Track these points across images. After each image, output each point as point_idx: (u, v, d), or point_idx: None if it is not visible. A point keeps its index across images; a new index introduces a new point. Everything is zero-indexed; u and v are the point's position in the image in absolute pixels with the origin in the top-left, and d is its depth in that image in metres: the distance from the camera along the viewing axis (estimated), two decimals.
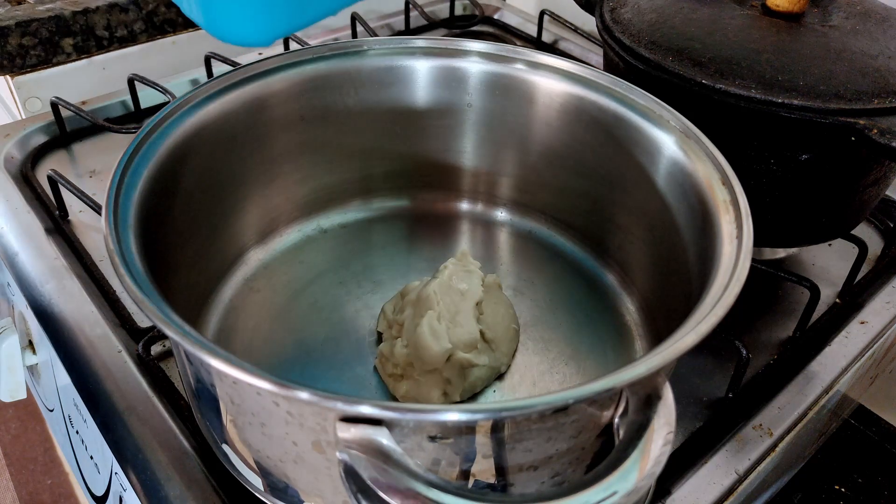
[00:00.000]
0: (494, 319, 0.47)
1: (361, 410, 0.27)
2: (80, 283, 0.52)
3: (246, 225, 0.52)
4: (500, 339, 0.46)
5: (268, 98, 0.49)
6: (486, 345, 0.46)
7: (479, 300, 0.47)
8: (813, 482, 0.53)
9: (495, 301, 0.49)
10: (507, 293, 0.52)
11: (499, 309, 0.48)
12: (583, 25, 0.87)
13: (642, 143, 0.46)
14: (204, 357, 0.29)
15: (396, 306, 0.48)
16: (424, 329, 0.43)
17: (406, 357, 0.44)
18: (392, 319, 0.47)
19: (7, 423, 1.39)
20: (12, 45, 0.73)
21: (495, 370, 0.46)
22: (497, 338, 0.46)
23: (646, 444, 0.28)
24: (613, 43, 0.52)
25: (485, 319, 0.47)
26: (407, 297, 0.47)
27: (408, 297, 0.47)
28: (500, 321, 0.47)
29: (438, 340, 0.43)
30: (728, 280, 0.34)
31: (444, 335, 0.43)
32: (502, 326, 0.47)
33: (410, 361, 0.44)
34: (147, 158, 0.40)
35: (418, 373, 0.44)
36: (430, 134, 0.55)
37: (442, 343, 0.43)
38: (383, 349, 0.45)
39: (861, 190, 0.50)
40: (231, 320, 0.49)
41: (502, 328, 0.47)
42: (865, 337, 0.52)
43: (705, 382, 0.48)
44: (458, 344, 0.44)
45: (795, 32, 0.48)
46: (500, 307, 0.48)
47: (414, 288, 0.48)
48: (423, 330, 0.43)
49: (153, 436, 0.42)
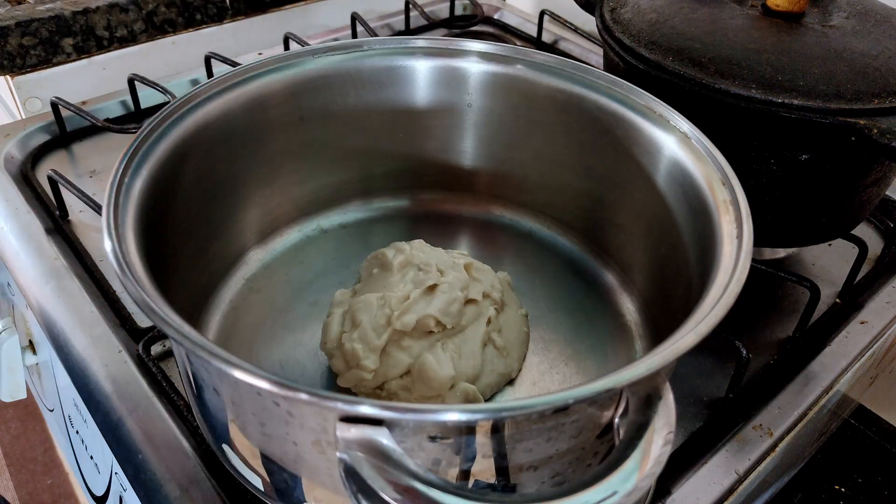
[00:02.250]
0: (506, 324, 0.47)
1: (361, 410, 0.27)
2: (80, 283, 0.52)
3: (246, 225, 0.52)
4: (511, 344, 0.46)
5: (268, 98, 0.49)
6: (497, 352, 0.45)
7: (489, 325, 0.45)
8: (813, 482, 0.53)
9: (506, 303, 0.48)
10: None
11: (510, 312, 0.48)
12: (583, 25, 0.87)
13: (642, 143, 0.46)
14: (204, 357, 0.29)
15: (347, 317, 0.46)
16: (430, 358, 0.42)
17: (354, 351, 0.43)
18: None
19: (7, 423, 1.39)
20: (12, 45, 0.73)
21: (506, 376, 0.45)
22: (509, 344, 0.46)
23: (646, 444, 0.28)
24: (613, 43, 0.52)
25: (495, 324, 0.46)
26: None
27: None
28: (511, 326, 0.47)
29: (443, 368, 0.42)
30: (728, 280, 0.34)
31: (449, 363, 0.43)
32: (514, 331, 0.47)
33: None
34: (147, 158, 0.40)
35: (416, 397, 0.43)
36: (430, 134, 0.55)
37: (447, 371, 0.42)
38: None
39: (861, 190, 0.50)
40: (231, 320, 0.49)
41: (514, 333, 0.47)
42: (865, 337, 0.52)
43: (705, 382, 0.48)
44: (462, 375, 0.43)
45: (795, 32, 0.48)
46: (512, 310, 0.48)
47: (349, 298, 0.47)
48: (429, 359, 0.42)
49: (153, 436, 0.42)
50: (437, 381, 0.42)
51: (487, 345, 0.45)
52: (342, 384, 0.44)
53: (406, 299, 0.44)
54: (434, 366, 0.42)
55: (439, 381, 0.42)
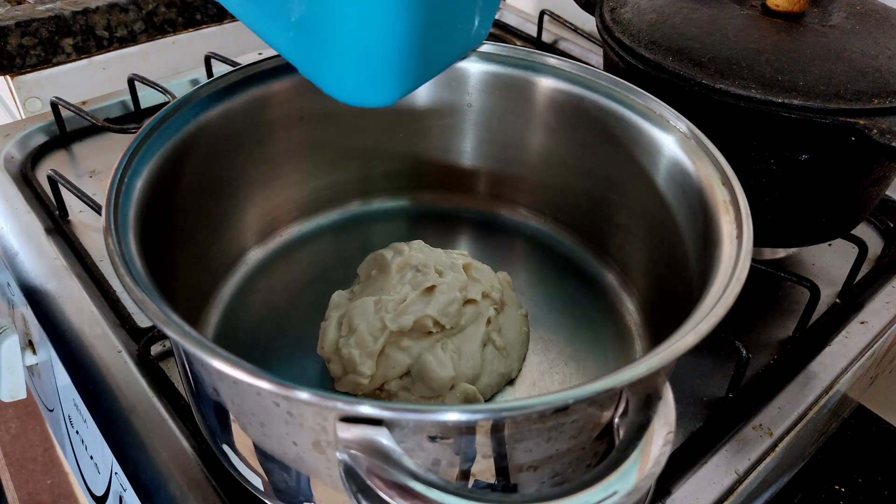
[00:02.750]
0: (506, 324, 0.47)
1: (361, 410, 0.27)
2: (80, 283, 0.52)
3: (246, 225, 0.52)
4: (511, 344, 0.46)
5: (268, 98, 0.49)
6: (498, 352, 0.45)
7: (489, 324, 0.45)
8: (813, 482, 0.53)
9: (506, 303, 0.48)
10: None
11: (510, 312, 0.47)
12: (583, 25, 0.87)
13: (642, 143, 0.46)
14: (204, 357, 0.29)
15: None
16: (430, 359, 0.42)
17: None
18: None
19: (7, 423, 1.39)
20: (12, 45, 0.73)
21: (506, 376, 0.45)
22: (509, 344, 0.46)
23: (646, 444, 0.28)
24: (613, 43, 0.52)
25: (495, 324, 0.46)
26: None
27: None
28: (511, 326, 0.47)
29: (443, 368, 0.42)
30: (728, 280, 0.34)
31: (449, 364, 0.43)
32: (514, 331, 0.47)
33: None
34: (147, 158, 0.40)
35: (416, 397, 0.43)
36: (430, 134, 0.55)
37: (447, 371, 0.42)
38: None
39: (861, 190, 0.50)
40: (231, 320, 0.49)
41: (514, 333, 0.46)
42: (865, 337, 0.52)
43: (705, 382, 0.48)
44: (462, 376, 0.43)
45: (795, 32, 0.48)
46: (511, 310, 0.48)
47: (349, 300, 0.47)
48: (429, 359, 0.42)
49: (153, 436, 0.42)
50: (437, 382, 0.42)
51: (487, 345, 0.45)
52: (339, 388, 0.44)
53: (403, 301, 0.44)
54: (434, 366, 0.42)
55: (440, 382, 0.42)
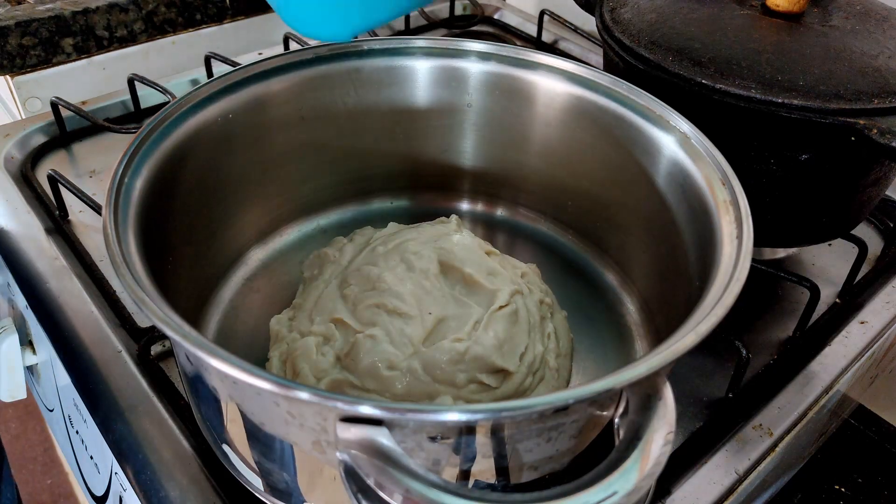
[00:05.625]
0: (559, 328, 0.45)
1: (361, 410, 0.27)
2: (80, 283, 0.52)
3: (246, 225, 0.52)
4: (564, 354, 0.44)
5: (268, 98, 0.49)
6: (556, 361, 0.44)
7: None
8: (813, 482, 0.53)
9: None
10: None
11: (557, 315, 0.46)
12: (583, 25, 0.87)
13: (642, 143, 0.46)
14: (204, 357, 0.29)
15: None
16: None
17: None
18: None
19: (7, 423, 1.39)
20: (12, 45, 0.73)
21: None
22: (563, 353, 0.44)
23: (646, 444, 0.28)
24: (613, 43, 0.52)
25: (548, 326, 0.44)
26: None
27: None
28: (563, 332, 0.45)
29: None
30: (728, 280, 0.34)
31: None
32: (565, 338, 0.45)
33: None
34: (147, 158, 0.40)
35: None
36: (430, 134, 0.55)
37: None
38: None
39: (861, 190, 0.50)
40: (231, 320, 0.49)
41: (565, 340, 0.45)
42: (865, 337, 0.52)
43: (705, 382, 0.48)
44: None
45: (795, 32, 0.48)
46: (558, 313, 0.46)
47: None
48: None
49: (153, 436, 0.42)
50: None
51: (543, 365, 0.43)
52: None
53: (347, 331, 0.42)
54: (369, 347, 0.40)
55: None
